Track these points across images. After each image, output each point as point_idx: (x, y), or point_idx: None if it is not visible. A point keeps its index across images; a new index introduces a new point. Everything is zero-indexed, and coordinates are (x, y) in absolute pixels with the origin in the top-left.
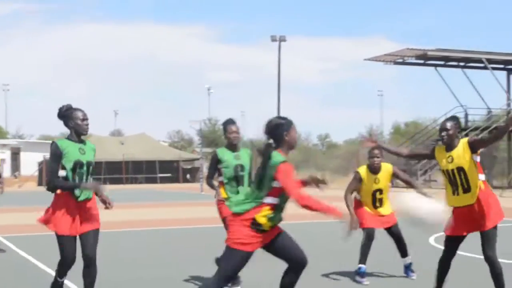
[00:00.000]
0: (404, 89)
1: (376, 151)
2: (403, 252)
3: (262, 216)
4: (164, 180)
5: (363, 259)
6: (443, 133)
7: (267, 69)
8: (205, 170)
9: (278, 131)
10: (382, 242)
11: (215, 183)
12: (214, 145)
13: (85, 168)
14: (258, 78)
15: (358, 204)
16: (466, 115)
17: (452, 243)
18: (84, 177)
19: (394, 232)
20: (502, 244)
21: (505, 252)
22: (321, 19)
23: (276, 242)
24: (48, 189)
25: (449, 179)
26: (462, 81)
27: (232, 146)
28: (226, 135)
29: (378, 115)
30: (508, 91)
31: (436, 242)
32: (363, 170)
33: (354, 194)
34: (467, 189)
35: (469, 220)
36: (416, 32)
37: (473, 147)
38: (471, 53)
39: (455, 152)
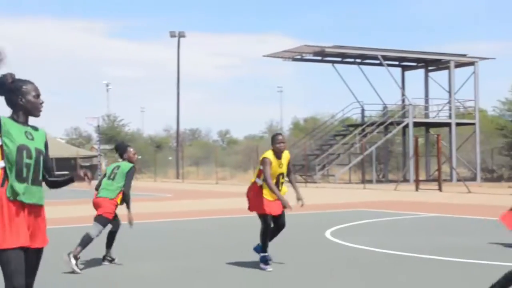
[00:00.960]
0: (303, 85)
1: (281, 137)
2: (270, 239)
3: None
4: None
5: (265, 246)
6: None
7: (167, 65)
8: (103, 168)
9: None
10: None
11: None
12: (113, 142)
13: (33, 158)
14: (158, 74)
15: (259, 191)
16: (363, 111)
17: None
18: (32, 172)
19: (281, 220)
20: (410, 238)
21: (416, 247)
22: (220, 15)
23: None
24: None
25: None
26: (359, 77)
27: None
28: None
29: (278, 111)
30: (402, 87)
31: (332, 236)
32: (270, 155)
33: (256, 179)
34: None
35: None
36: (313, 28)
37: None
38: (367, 50)
39: None
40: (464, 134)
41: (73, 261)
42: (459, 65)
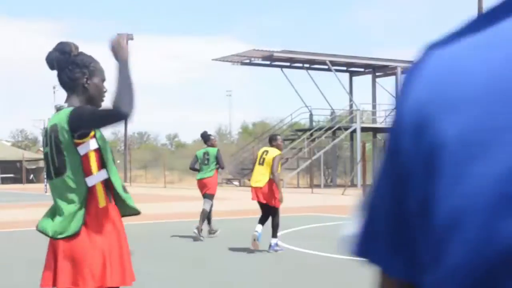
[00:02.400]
0: (252, 89)
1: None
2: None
3: None
4: (6, 181)
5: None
6: None
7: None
8: None
9: None
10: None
11: None
12: None
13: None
14: (107, 76)
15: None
16: (311, 116)
17: None
18: None
19: None
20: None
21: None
22: (169, 17)
23: None
24: None
25: None
26: (307, 82)
27: None
28: None
29: (227, 115)
30: (350, 93)
31: (280, 240)
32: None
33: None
34: None
35: None
36: (263, 33)
37: None
38: (315, 55)
39: None
40: None
41: (197, 232)
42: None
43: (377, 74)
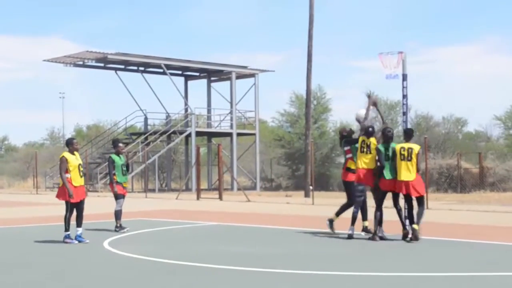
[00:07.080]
0: (86, 92)
1: None
2: None
3: None
4: None
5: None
6: None
7: None
8: None
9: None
10: None
11: None
12: None
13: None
14: None
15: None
16: (146, 119)
17: None
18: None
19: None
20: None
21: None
22: None
23: None
24: None
25: None
26: (142, 85)
27: None
28: None
29: (60, 118)
30: (186, 97)
31: (110, 246)
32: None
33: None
34: None
35: None
36: (97, 34)
37: None
38: (150, 58)
39: None
40: (245, 144)
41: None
42: (240, 76)
43: (212, 78)
